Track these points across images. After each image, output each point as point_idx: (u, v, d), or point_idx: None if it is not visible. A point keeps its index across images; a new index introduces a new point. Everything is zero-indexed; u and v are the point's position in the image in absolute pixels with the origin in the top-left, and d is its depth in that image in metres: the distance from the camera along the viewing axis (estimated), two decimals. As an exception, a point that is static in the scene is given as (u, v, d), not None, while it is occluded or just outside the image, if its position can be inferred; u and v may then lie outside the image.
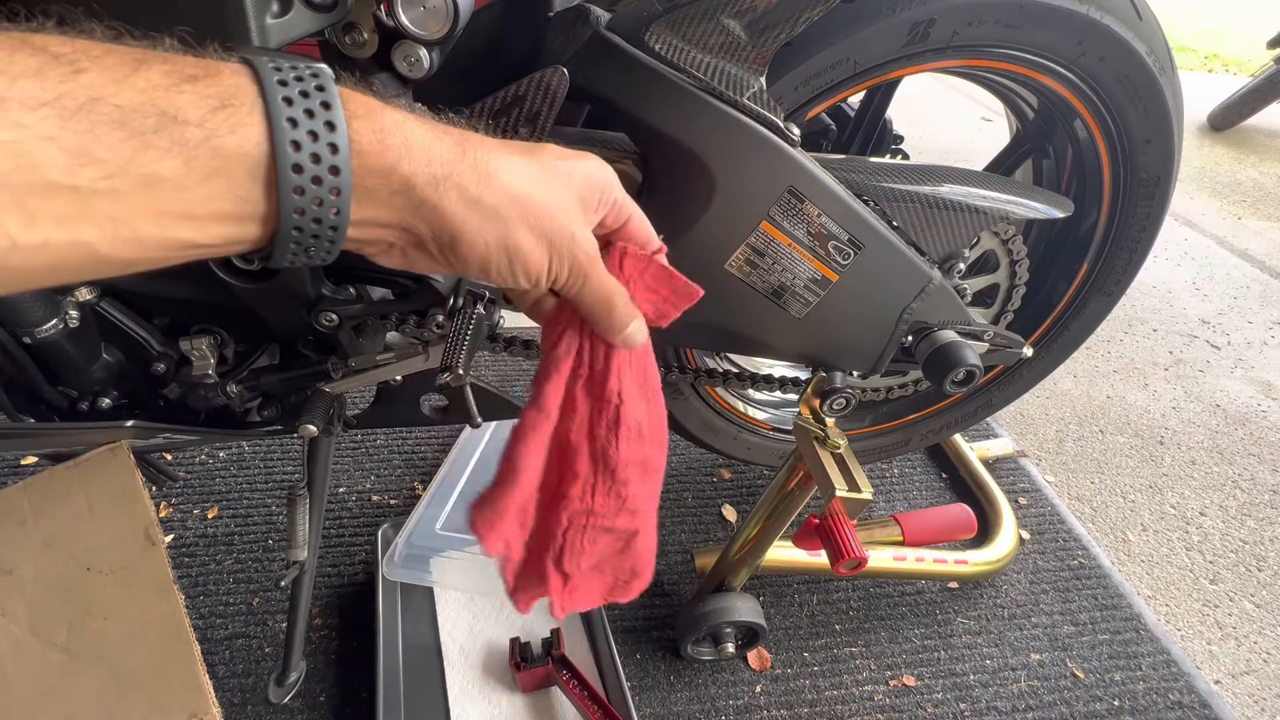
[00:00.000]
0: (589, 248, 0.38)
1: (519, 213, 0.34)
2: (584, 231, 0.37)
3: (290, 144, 0.27)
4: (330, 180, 0.28)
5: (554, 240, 0.36)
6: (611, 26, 0.57)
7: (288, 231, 0.28)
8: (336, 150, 0.28)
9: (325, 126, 0.27)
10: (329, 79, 0.28)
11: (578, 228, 0.37)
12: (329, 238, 0.29)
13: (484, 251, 0.34)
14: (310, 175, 0.27)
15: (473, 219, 0.33)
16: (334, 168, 0.28)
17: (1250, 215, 2.41)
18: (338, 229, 0.29)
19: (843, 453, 0.75)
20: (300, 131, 0.27)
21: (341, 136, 0.28)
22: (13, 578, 0.59)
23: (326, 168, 0.27)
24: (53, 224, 0.23)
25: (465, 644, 0.90)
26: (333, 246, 0.30)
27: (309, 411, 0.66)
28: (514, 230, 0.34)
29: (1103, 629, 1.02)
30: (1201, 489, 1.34)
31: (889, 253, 0.66)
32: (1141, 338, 1.75)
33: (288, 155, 0.27)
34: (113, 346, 0.61)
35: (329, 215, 0.29)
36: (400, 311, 0.63)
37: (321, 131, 0.27)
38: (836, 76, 0.64)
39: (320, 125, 0.27)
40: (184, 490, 1.08)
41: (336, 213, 0.29)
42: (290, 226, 0.28)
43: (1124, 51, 0.68)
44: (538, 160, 0.36)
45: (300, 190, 0.27)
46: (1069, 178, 0.87)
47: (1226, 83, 3.69)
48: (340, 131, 0.28)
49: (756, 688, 0.92)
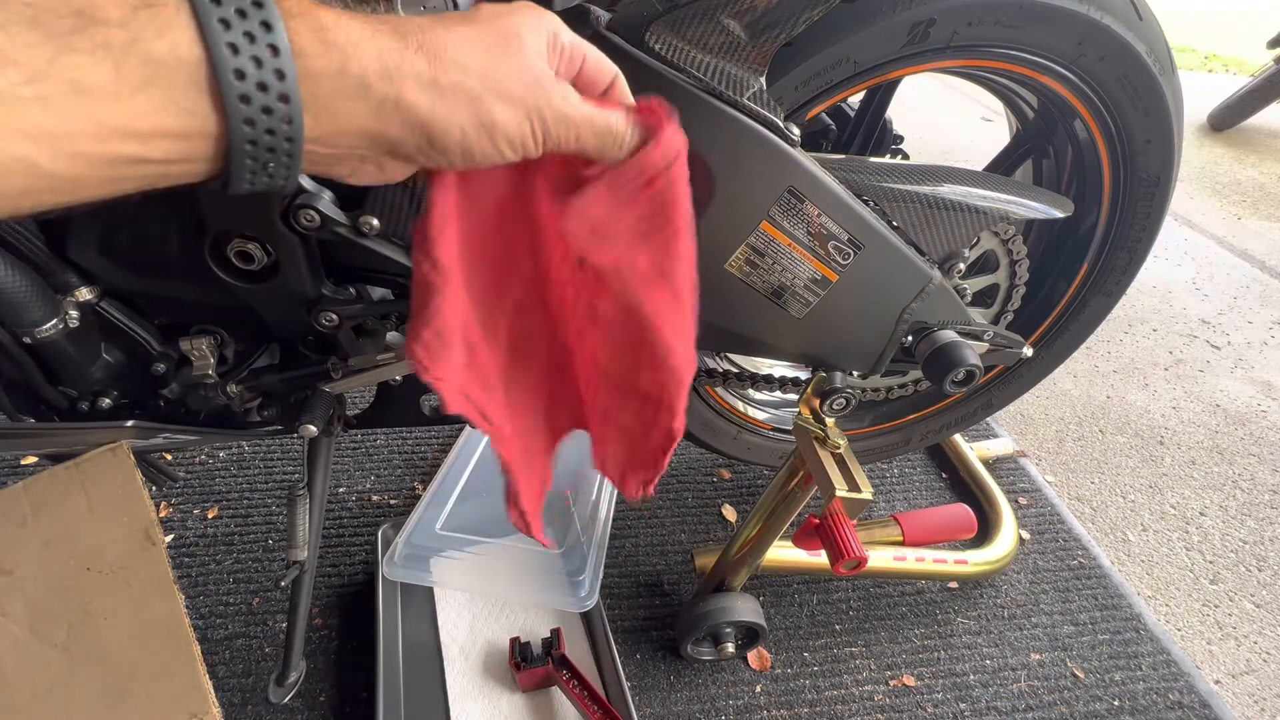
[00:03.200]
0: (564, 93, 0.35)
1: (483, 86, 0.32)
2: (553, 82, 0.35)
3: (227, 46, 0.25)
4: (276, 86, 0.26)
5: (528, 101, 0.33)
6: (611, 26, 0.57)
7: (241, 146, 0.27)
8: (277, 52, 0.26)
9: (261, 27, 0.26)
10: None
11: (546, 80, 0.34)
12: (285, 150, 0.28)
13: (460, 136, 0.32)
14: (255, 81, 0.26)
15: (440, 105, 0.31)
16: (278, 71, 0.26)
17: (1250, 215, 2.41)
18: (293, 140, 0.28)
19: (843, 453, 0.75)
20: (235, 33, 0.25)
21: (280, 37, 0.26)
22: (13, 578, 0.59)
23: (271, 71, 0.26)
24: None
25: (465, 644, 0.90)
26: (291, 161, 0.28)
27: (309, 411, 0.66)
28: (485, 105, 0.32)
29: (1103, 629, 1.02)
30: (1201, 489, 1.34)
31: (889, 253, 0.66)
32: (1141, 338, 1.75)
33: (226, 60, 0.25)
34: (113, 346, 0.61)
35: (281, 125, 0.27)
36: (400, 311, 0.63)
37: (258, 32, 0.26)
38: (836, 76, 0.64)
39: (255, 25, 0.26)
40: (184, 490, 1.08)
41: (289, 121, 0.27)
42: (243, 140, 0.27)
43: (1124, 51, 0.68)
44: (480, 25, 0.33)
45: (246, 99, 0.26)
46: (1069, 178, 0.87)
47: (1226, 83, 3.69)
48: (278, 32, 0.26)
49: (756, 688, 0.92)
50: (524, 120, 0.34)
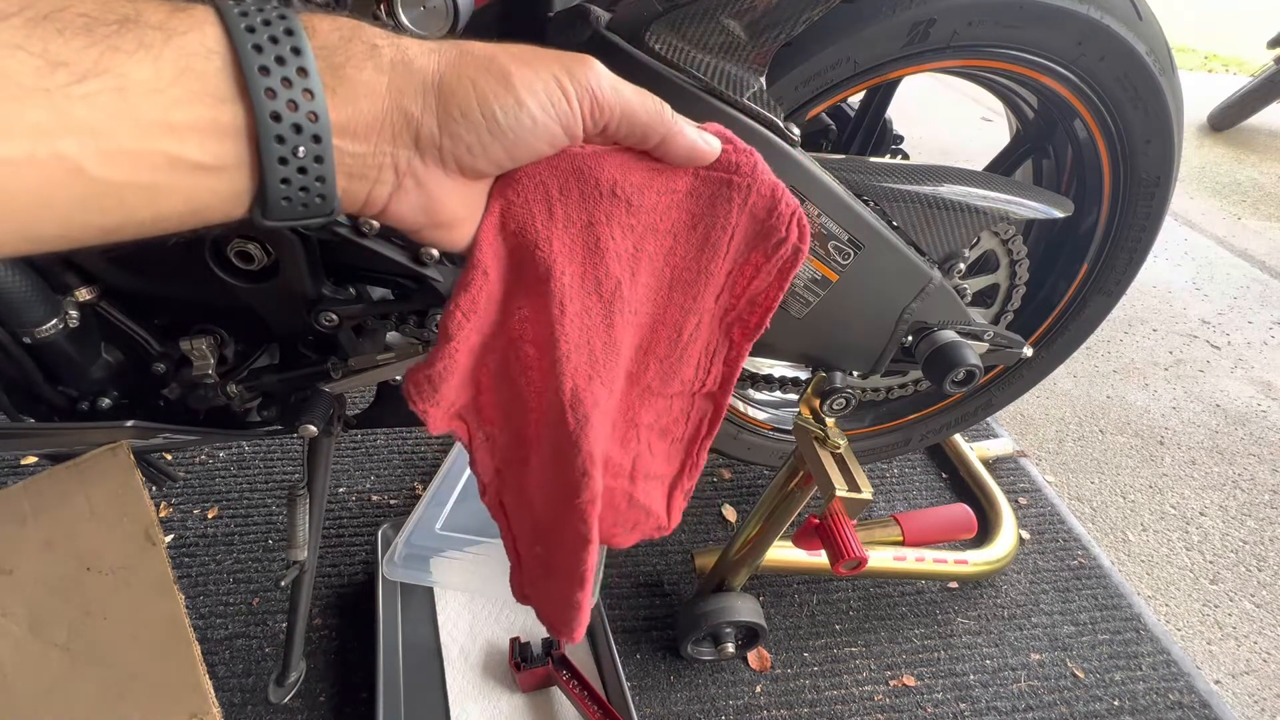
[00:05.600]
0: (596, 70, 0.34)
1: (509, 58, 0.31)
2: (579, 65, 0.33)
3: (252, 49, 0.26)
4: (300, 82, 0.27)
5: (560, 77, 0.32)
6: (611, 26, 0.57)
7: (270, 143, 0.27)
8: (299, 52, 0.27)
9: (285, 34, 0.27)
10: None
11: (572, 61, 0.33)
12: (314, 153, 0.28)
13: (474, 93, 0.31)
14: (279, 76, 0.27)
15: (447, 68, 0.31)
16: (301, 69, 0.27)
17: (1250, 215, 2.41)
18: (321, 139, 0.28)
19: (843, 453, 0.75)
20: (254, 18, 0.27)
21: (302, 41, 0.28)
22: (13, 578, 0.59)
23: (294, 69, 0.27)
24: (33, 134, 0.23)
25: (465, 644, 0.90)
26: (323, 168, 0.29)
27: (309, 411, 0.66)
28: (499, 62, 0.31)
29: (1103, 629, 1.02)
30: (1201, 489, 1.34)
31: (889, 253, 0.66)
32: (1141, 338, 1.75)
33: (251, 57, 0.26)
34: (113, 346, 0.61)
35: (306, 121, 0.28)
36: (400, 311, 0.63)
37: (274, 20, 0.27)
38: (836, 76, 0.64)
39: (280, 32, 0.27)
40: (184, 490, 1.08)
41: (315, 118, 0.28)
42: (272, 135, 0.27)
43: (1124, 51, 0.68)
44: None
45: (271, 92, 0.27)
46: (1069, 178, 0.87)
47: (1226, 83, 3.69)
48: (299, 35, 0.27)
49: (756, 688, 0.92)
50: (548, 77, 0.32)
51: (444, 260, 0.56)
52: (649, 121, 0.36)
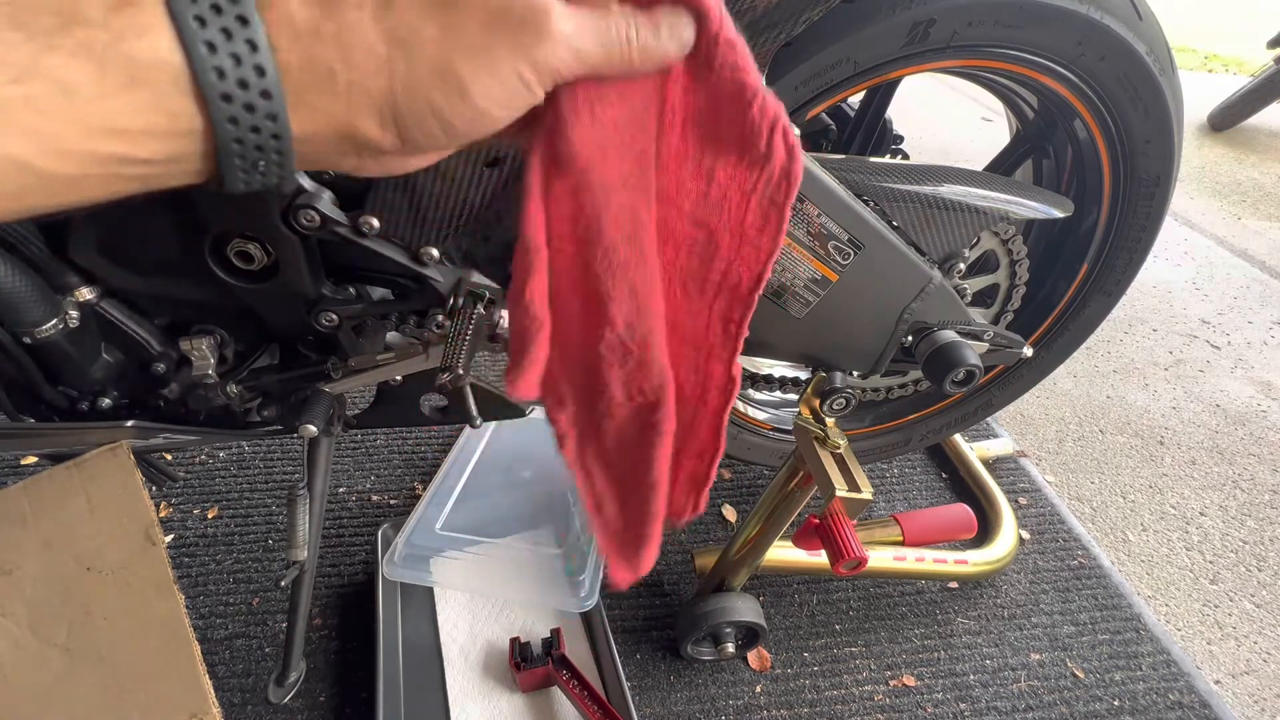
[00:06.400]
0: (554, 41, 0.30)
1: (462, 57, 0.29)
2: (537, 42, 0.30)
3: (204, 45, 0.25)
4: (257, 82, 0.26)
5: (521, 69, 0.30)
6: (611, 26, 0.57)
7: (228, 145, 0.27)
8: (255, 48, 0.26)
9: (237, 21, 0.25)
10: None
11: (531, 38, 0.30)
12: (274, 148, 0.28)
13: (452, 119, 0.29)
14: (235, 79, 0.26)
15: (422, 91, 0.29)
16: (258, 67, 0.26)
17: (1250, 215, 2.41)
18: (280, 137, 0.27)
19: (843, 453, 0.75)
20: (211, 30, 0.25)
21: (256, 31, 0.26)
22: (13, 578, 0.59)
23: (250, 67, 0.26)
24: None
25: (465, 644, 0.90)
26: (282, 159, 0.28)
27: (309, 411, 0.66)
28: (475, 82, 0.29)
29: (1103, 629, 1.02)
30: (1201, 489, 1.34)
31: (889, 253, 0.66)
32: (1141, 338, 1.75)
33: (205, 59, 0.25)
34: (113, 346, 0.61)
35: (265, 122, 0.27)
36: (400, 311, 0.63)
37: (234, 28, 0.25)
38: (836, 76, 0.65)
39: (231, 20, 0.25)
40: (184, 490, 1.08)
41: (273, 117, 0.27)
42: (230, 139, 0.27)
43: (1124, 51, 0.68)
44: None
45: (228, 97, 0.26)
46: (1069, 178, 0.87)
47: (1226, 83, 3.69)
48: (254, 26, 0.26)
49: (756, 688, 0.92)
50: (508, 74, 0.30)
51: (444, 260, 0.56)
52: (620, 69, 0.33)
